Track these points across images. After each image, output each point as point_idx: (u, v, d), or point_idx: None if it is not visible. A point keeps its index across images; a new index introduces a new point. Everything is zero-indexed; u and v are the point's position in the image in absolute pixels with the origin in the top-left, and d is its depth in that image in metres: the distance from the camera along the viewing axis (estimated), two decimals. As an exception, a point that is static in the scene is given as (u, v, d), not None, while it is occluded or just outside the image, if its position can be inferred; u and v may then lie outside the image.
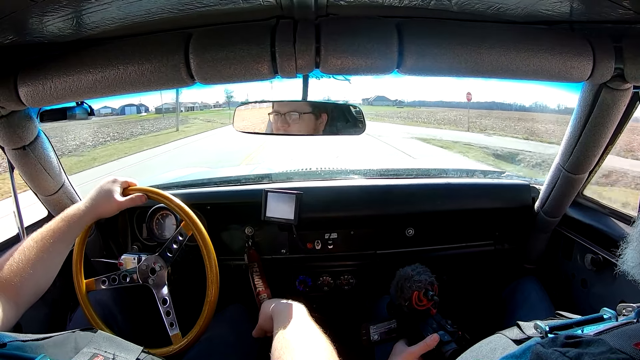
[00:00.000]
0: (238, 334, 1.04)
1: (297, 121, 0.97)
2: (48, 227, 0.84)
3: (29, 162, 0.94)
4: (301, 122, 0.97)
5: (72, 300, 1.07)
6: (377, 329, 0.90)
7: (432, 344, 0.79)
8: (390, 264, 1.07)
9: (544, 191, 1.20)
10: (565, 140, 1.01)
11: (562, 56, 0.74)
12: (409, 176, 1.52)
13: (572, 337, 0.41)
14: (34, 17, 0.63)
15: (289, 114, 0.97)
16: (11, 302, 0.71)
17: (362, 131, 0.99)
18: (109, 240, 1.31)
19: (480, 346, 0.60)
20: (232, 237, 1.35)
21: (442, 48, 0.73)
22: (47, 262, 0.81)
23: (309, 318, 0.69)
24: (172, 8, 0.69)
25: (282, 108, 0.98)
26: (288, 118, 0.97)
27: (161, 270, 1.01)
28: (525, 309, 1.12)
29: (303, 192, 1.23)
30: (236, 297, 1.21)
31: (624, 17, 0.69)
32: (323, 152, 7.48)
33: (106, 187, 0.96)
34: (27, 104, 0.79)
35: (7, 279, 0.73)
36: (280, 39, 0.71)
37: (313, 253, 1.35)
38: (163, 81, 0.75)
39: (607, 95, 0.84)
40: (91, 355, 0.53)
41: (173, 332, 0.99)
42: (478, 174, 1.54)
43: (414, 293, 0.85)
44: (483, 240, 1.39)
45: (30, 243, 0.80)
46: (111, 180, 0.98)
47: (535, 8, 0.70)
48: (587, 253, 1.12)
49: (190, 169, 2.32)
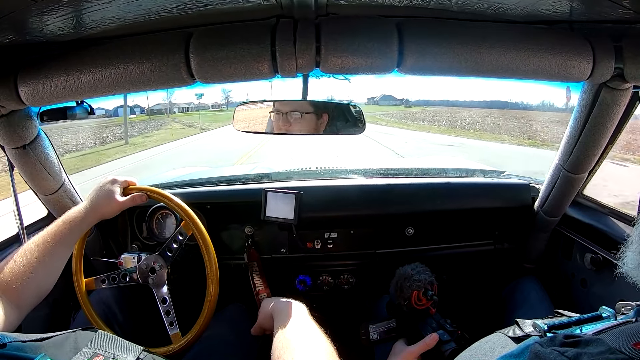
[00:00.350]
0: (238, 333, 1.04)
1: (298, 120, 0.97)
2: (49, 230, 0.84)
3: (29, 162, 0.94)
4: (303, 121, 0.97)
5: (72, 300, 1.07)
6: (376, 328, 0.90)
7: (431, 343, 0.79)
8: (390, 263, 1.07)
9: (543, 191, 1.20)
10: (565, 139, 1.01)
11: (562, 56, 0.74)
12: (408, 175, 1.52)
13: (571, 337, 0.41)
14: (34, 16, 0.63)
15: (290, 114, 0.97)
16: (13, 305, 0.71)
17: (362, 131, 0.99)
18: (108, 240, 1.32)
19: (479, 345, 0.60)
20: (232, 236, 1.35)
21: (442, 48, 0.73)
22: (49, 265, 0.80)
23: (309, 317, 0.69)
24: (173, 7, 0.69)
25: (283, 107, 0.98)
26: (290, 117, 0.97)
27: (161, 269, 1.01)
28: (524, 309, 1.12)
29: (303, 192, 1.23)
30: (236, 296, 1.22)
31: (624, 16, 0.69)
32: (324, 151, 7.40)
33: (106, 187, 0.95)
34: (28, 103, 0.79)
35: (9, 282, 0.73)
36: (281, 39, 0.71)
37: (313, 252, 1.35)
38: (163, 80, 0.75)
39: (607, 94, 0.84)
40: (91, 355, 0.53)
41: (173, 332, 0.99)
42: (478, 174, 1.54)
43: (414, 292, 0.85)
44: (483, 239, 1.39)
45: (32, 246, 0.80)
46: (110, 180, 0.97)
47: (535, 8, 0.70)
48: (586, 253, 1.12)
49: (190, 169, 2.32)
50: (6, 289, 0.72)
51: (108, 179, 0.97)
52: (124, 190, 0.98)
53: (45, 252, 0.80)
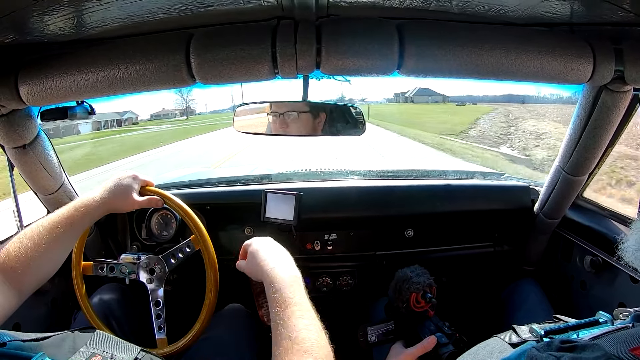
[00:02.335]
0: (237, 333, 1.04)
1: (295, 121, 0.96)
2: (60, 215, 0.81)
3: (29, 161, 0.94)
4: (299, 122, 0.96)
5: (72, 300, 1.07)
6: (374, 330, 0.90)
7: (429, 346, 0.79)
8: (389, 265, 1.07)
9: (543, 193, 1.20)
10: (565, 142, 1.01)
11: (562, 58, 0.74)
12: (408, 177, 1.52)
13: (567, 342, 0.41)
14: (35, 16, 0.63)
15: (287, 114, 0.96)
16: (14, 289, 0.70)
17: (362, 132, 0.99)
18: (108, 240, 1.32)
19: (477, 350, 0.60)
20: (232, 237, 1.35)
21: (442, 49, 0.73)
22: (55, 250, 0.78)
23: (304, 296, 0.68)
24: (173, 8, 0.69)
25: (280, 108, 0.98)
26: (286, 118, 0.96)
27: (160, 272, 1.01)
28: (523, 311, 1.12)
29: (302, 193, 1.23)
30: (235, 297, 1.22)
31: (624, 19, 0.69)
32: (324, 153, 7.34)
33: (125, 182, 0.93)
34: (28, 102, 0.79)
35: (13, 264, 0.71)
36: (281, 40, 0.71)
37: (312, 254, 1.35)
38: (164, 81, 0.75)
39: (607, 97, 0.84)
40: (89, 354, 0.54)
41: (160, 336, 0.99)
42: (477, 176, 1.54)
43: (412, 295, 0.85)
44: (482, 241, 1.38)
45: (40, 229, 0.77)
46: (131, 175, 0.95)
47: (536, 10, 0.70)
48: (586, 255, 1.12)
49: (190, 169, 2.32)
50: (9, 271, 0.70)
51: (129, 174, 0.96)
52: (141, 190, 0.97)
53: (53, 236, 0.77)
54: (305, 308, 0.57)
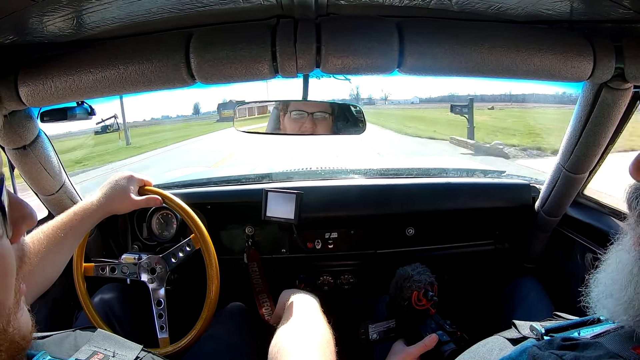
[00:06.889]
0: (237, 332, 1.04)
1: (321, 122, 0.98)
2: (60, 220, 0.81)
3: (29, 162, 0.94)
4: (324, 122, 0.98)
5: (73, 300, 1.07)
6: (375, 328, 0.90)
7: (430, 344, 0.79)
8: (390, 263, 1.07)
9: (544, 191, 1.20)
10: (566, 139, 1.01)
11: (562, 56, 0.74)
12: (409, 176, 1.52)
13: (569, 340, 0.41)
14: (35, 17, 0.63)
15: (314, 114, 0.97)
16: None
17: (363, 130, 0.99)
18: (109, 240, 1.32)
19: (478, 347, 0.60)
20: (233, 236, 1.35)
21: (442, 47, 0.73)
22: (57, 255, 0.79)
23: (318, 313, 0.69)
24: (173, 8, 0.69)
25: (308, 108, 0.98)
26: (314, 117, 0.97)
27: (161, 271, 1.01)
28: (524, 308, 1.12)
29: (303, 192, 1.23)
30: (236, 296, 1.22)
31: (625, 16, 0.68)
32: (323, 152, 7.34)
33: (122, 183, 0.93)
34: (28, 103, 0.79)
35: None
36: (281, 39, 0.71)
37: (313, 253, 1.35)
38: (164, 81, 0.75)
39: (607, 94, 0.84)
40: (91, 353, 0.54)
41: (162, 335, 0.99)
42: (478, 174, 1.54)
43: (414, 293, 0.85)
44: (483, 239, 1.38)
45: (40, 235, 0.78)
46: (127, 176, 0.95)
47: (536, 7, 0.70)
48: (587, 253, 1.12)
49: (191, 169, 2.33)
50: None
51: (124, 175, 0.95)
52: (139, 190, 0.97)
53: (54, 242, 0.78)
54: None
